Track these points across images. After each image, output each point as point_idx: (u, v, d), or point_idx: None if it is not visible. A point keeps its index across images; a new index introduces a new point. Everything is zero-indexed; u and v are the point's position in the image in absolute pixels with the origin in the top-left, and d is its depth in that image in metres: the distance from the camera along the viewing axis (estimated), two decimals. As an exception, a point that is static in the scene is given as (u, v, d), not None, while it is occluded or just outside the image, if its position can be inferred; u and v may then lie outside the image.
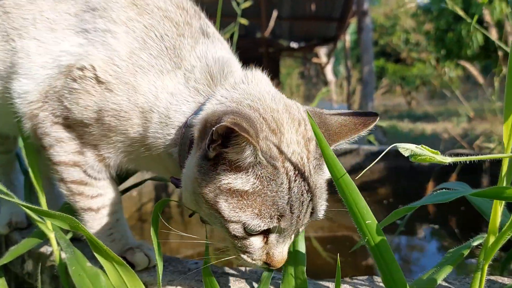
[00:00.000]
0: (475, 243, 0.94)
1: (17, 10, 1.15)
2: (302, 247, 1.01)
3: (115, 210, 1.16)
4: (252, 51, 8.96)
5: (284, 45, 10.49)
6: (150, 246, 1.10)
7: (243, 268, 1.09)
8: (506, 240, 0.81)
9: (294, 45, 10.55)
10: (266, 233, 0.90)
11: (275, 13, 8.32)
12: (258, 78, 1.05)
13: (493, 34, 3.22)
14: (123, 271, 0.86)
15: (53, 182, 1.22)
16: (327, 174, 0.95)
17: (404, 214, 0.95)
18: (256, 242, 0.90)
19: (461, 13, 2.40)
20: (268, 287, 0.95)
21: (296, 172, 0.87)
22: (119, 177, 1.27)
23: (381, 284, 1.01)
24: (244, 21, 3.26)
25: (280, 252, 0.91)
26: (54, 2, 1.15)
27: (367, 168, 0.83)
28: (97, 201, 1.13)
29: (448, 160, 0.69)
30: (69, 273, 0.90)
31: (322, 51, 12.19)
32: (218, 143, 0.81)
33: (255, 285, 0.99)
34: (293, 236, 0.94)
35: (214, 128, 0.78)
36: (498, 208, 0.83)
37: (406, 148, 0.67)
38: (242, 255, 0.92)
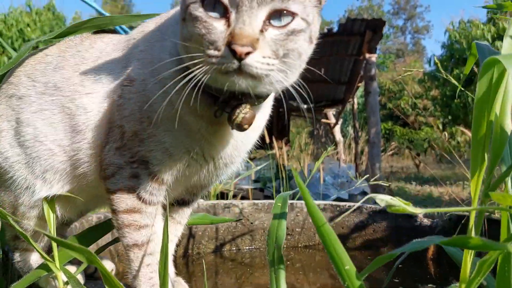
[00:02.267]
0: (449, 292, 1.03)
1: (66, 81, 1.35)
2: (283, 227, 1.03)
3: (158, 250, 1.21)
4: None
5: (294, 106, 10.75)
6: None
7: None
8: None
9: (304, 106, 10.83)
10: (225, 15, 0.99)
11: (285, 76, 8.63)
12: None
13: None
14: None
15: None
16: None
17: (386, 261, 1.04)
18: (218, 25, 0.99)
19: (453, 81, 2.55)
20: None
21: None
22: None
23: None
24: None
25: (240, 27, 0.95)
26: (94, 62, 1.36)
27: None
28: (143, 234, 1.22)
29: (418, 211, 0.81)
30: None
31: (331, 112, 12.49)
32: None
33: None
34: (253, 11, 0.97)
35: None
36: (468, 258, 0.92)
37: (382, 199, 0.80)
38: (209, 51, 0.99)
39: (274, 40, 0.99)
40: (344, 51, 8.27)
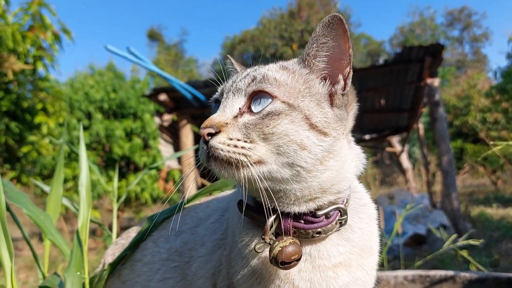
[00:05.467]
0: None
1: (185, 245, 1.37)
2: None
3: None
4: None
5: (355, 137, 10.49)
6: None
7: None
8: None
9: (366, 136, 10.53)
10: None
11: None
12: None
13: None
14: None
15: None
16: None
17: None
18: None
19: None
20: None
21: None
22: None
23: None
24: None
25: (212, 115, 1.04)
26: (206, 220, 1.37)
27: None
28: None
29: None
30: None
31: (395, 139, 12.03)
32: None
33: None
34: (228, 100, 1.07)
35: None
36: None
37: None
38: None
39: (245, 123, 1.00)
40: (403, 79, 7.97)
